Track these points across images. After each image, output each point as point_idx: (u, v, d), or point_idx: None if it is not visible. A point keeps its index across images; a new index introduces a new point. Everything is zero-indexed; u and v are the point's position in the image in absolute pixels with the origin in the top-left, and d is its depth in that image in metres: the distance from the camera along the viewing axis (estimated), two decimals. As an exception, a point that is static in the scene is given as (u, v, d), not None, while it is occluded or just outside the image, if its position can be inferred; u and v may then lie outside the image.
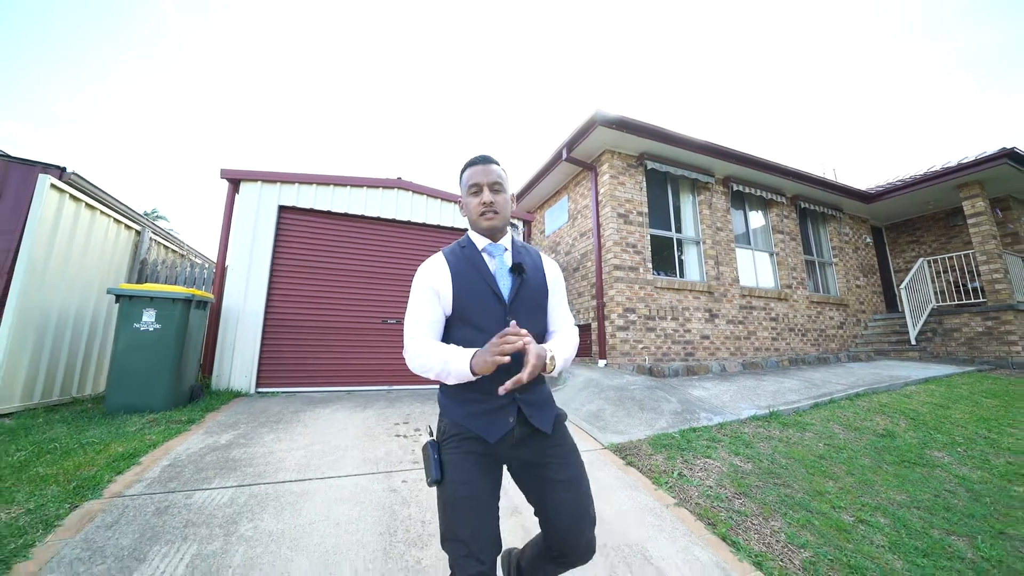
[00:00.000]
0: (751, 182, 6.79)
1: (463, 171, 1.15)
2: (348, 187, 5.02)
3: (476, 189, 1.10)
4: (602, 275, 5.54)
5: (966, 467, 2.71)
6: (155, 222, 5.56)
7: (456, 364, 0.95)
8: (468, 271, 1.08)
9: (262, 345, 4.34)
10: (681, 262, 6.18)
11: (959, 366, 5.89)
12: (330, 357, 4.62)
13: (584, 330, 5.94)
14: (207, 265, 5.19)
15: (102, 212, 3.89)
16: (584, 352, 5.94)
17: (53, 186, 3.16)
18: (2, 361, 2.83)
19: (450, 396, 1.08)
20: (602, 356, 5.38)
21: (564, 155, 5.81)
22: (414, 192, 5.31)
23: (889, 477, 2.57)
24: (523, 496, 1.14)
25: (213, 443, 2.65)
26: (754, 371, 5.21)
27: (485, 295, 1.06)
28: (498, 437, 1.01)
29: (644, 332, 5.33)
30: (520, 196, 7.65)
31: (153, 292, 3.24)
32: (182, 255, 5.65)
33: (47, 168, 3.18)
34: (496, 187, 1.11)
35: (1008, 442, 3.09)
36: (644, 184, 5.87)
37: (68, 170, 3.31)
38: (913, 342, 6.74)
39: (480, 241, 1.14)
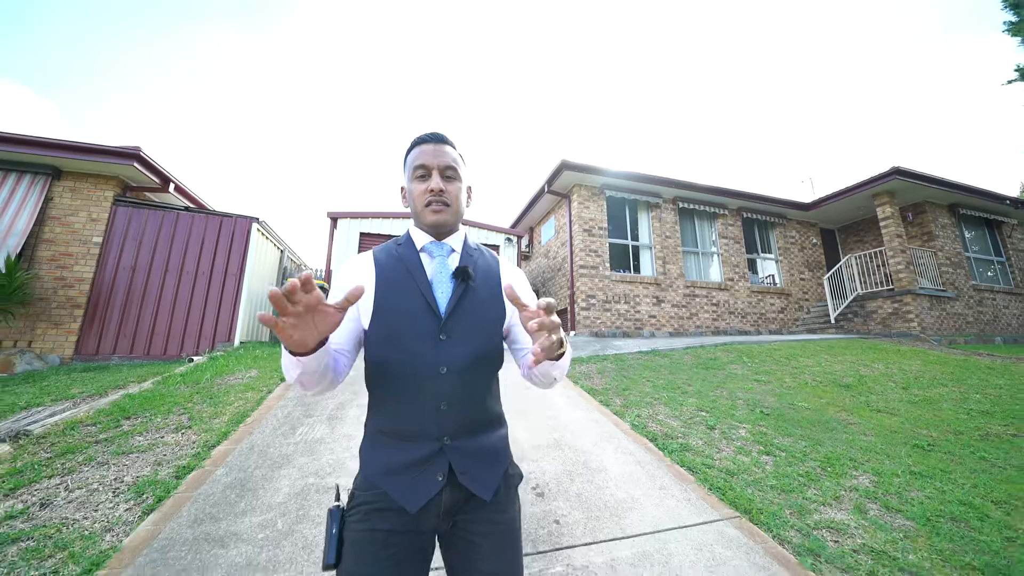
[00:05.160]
0: (697, 200, 8.84)
1: (408, 151, 0.88)
2: (400, 219, 7.77)
3: (423, 173, 0.84)
4: (573, 272, 7.86)
5: (741, 371, 4.80)
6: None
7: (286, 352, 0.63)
8: (398, 273, 0.83)
9: (352, 318, 7.12)
10: (637, 262, 8.36)
11: (848, 335, 7.60)
12: (391, 326, 7.33)
13: (561, 312, 8.27)
14: (305, 265, 8.15)
15: (267, 239, 6.85)
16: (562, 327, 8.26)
17: (257, 229, 6.09)
18: (243, 320, 5.72)
19: (370, 439, 0.82)
20: (572, 328, 7.68)
21: (546, 189, 8.25)
22: (442, 220, 7.98)
23: (691, 373, 4.73)
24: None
25: (342, 354, 5.35)
26: (674, 336, 7.31)
27: (414, 304, 0.80)
28: (420, 505, 0.73)
29: (601, 312, 7.58)
30: (522, 216, 10.14)
31: (304, 283, 6.07)
32: (298, 264, 8.68)
33: (254, 220, 6.10)
34: (449, 172, 0.85)
35: (791, 363, 5.09)
36: (605, 207, 8.16)
37: (260, 219, 6.22)
38: (833, 322, 8.42)
39: (421, 238, 0.88)
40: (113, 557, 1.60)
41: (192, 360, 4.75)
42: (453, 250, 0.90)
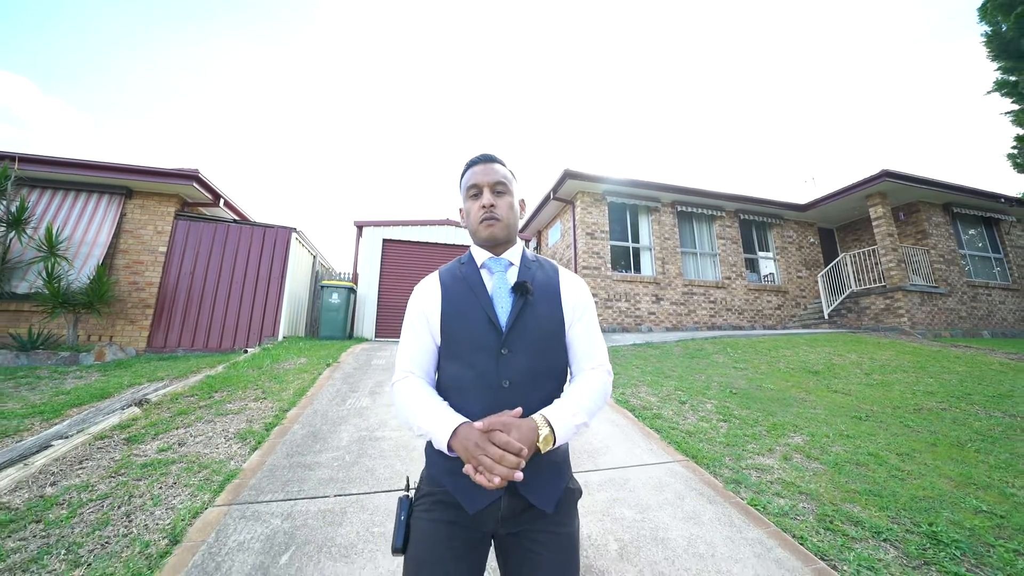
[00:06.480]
0: (695, 204, 9.36)
1: (463, 174, 0.97)
2: (419, 226, 8.54)
3: (476, 192, 0.92)
4: (576, 273, 8.49)
5: (722, 359, 5.38)
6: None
7: (438, 437, 0.76)
8: (461, 291, 0.90)
9: (377, 314, 7.91)
10: (637, 263, 8.94)
11: (839, 330, 8.03)
12: (411, 323, 8.14)
13: (567, 310, 8.90)
14: (333, 269, 8.97)
15: (303, 246, 7.70)
16: (567, 324, 8.90)
17: (295, 239, 6.94)
18: (285, 318, 6.56)
19: None
20: (576, 325, 8.33)
21: (551, 196, 8.91)
22: (456, 226, 8.72)
23: (677, 362, 5.32)
24: None
25: (370, 346, 6.12)
26: (670, 331, 7.88)
27: (477, 320, 0.86)
28: (479, 508, 0.78)
29: (603, 309, 8.19)
30: (530, 220, 10.80)
31: (336, 284, 6.88)
32: (327, 268, 9.56)
33: (292, 230, 6.94)
34: (499, 188, 0.92)
35: (770, 353, 5.63)
36: (606, 212, 8.76)
37: (297, 229, 7.06)
38: (826, 317, 8.84)
39: (480, 255, 0.95)
40: (239, 473, 2.35)
41: (247, 351, 5.58)
42: (511, 264, 0.94)
